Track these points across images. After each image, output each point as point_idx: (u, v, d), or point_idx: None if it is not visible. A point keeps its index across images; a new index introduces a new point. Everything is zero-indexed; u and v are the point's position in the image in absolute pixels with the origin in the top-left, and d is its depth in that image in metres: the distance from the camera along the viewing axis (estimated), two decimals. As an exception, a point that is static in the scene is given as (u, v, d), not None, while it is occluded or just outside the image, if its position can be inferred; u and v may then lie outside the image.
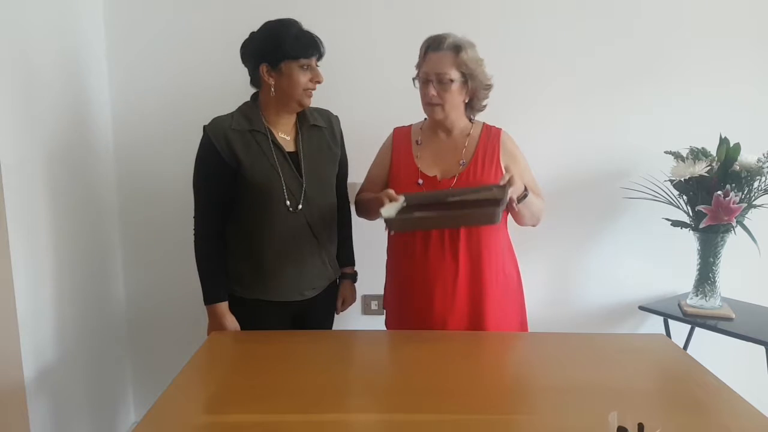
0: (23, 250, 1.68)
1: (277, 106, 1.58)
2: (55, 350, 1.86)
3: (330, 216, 1.69)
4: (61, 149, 1.90)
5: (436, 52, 1.58)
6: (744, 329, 1.95)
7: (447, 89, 1.58)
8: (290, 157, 1.59)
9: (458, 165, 1.64)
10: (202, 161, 1.58)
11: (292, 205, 1.57)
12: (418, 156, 1.68)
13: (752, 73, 2.24)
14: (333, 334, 1.59)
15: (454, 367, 1.32)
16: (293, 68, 1.51)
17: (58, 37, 1.91)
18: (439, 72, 1.57)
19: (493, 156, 1.64)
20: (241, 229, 1.61)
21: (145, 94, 2.25)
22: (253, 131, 1.56)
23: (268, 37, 1.52)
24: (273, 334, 1.54)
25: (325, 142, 1.67)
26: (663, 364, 1.38)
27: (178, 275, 2.35)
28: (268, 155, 1.56)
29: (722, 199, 1.93)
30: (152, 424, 1.08)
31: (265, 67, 1.52)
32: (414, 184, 1.63)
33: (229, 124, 1.56)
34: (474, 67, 1.58)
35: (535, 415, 1.12)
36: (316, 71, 1.55)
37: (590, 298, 2.40)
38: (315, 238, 1.63)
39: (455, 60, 1.56)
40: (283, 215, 1.57)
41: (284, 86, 1.53)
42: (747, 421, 1.09)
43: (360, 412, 1.13)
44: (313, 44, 1.53)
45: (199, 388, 1.24)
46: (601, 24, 2.22)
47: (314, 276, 1.66)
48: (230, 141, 1.54)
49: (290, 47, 1.49)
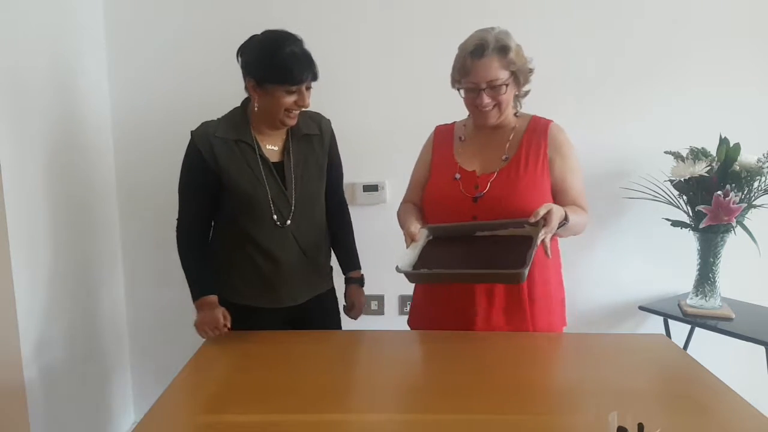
0: (23, 251, 1.68)
1: (261, 119, 1.53)
2: (55, 350, 1.86)
3: (318, 231, 1.65)
4: (61, 151, 1.90)
5: (481, 59, 1.44)
6: (744, 329, 1.95)
7: (502, 92, 1.47)
8: (276, 169, 1.54)
9: (500, 160, 1.53)
10: (187, 167, 1.55)
11: (279, 219, 1.53)
12: (459, 152, 1.60)
13: (752, 73, 2.24)
14: (333, 335, 1.59)
15: (454, 367, 1.32)
16: (278, 90, 1.43)
17: (57, 39, 1.91)
18: (491, 79, 1.45)
19: (539, 150, 1.52)
20: (229, 238, 1.58)
21: (145, 96, 2.26)
22: (238, 141, 1.51)
23: (260, 53, 1.44)
24: (273, 334, 1.54)
25: (314, 155, 1.61)
26: (663, 364, 1.38)
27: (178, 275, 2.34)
28: (253, 167, 1.51)
29: (722, 199, 1.93)
30: (152, 424, 1.08)
31: (252, 83, 1.46)
32: (451, 179, 1.54)
33: (214, 131, 1.51)
34: (520, 60, 1.48)
35: (535, 415, 1.12)
36: (302, 96, 1.46)
37: (590, 298, 2.40)
38: (303, 253, 1.59)
39: (503, 62, 1.45)
40: (270, 228, 1.53)
41: (267, 105, 1.47)
42: (747, 421, 1.09)
43: (360, 412, 1.13)
44: (303, 69, 1.43)
45: (199, 388, 1.24)
46: (601, 24, 2.22)
47: (305, 285, 1.63)
48: (214, 148, 1.50)
49: (277, 71, 1.41)
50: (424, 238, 1.48)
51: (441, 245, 1.48)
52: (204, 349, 1.45)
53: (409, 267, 1.39)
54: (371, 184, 1.78)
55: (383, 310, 2.27)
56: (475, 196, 1.51)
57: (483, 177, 1.53)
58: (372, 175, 1.77)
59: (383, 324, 2.17)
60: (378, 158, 1.76)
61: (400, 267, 1.36)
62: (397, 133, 1.70)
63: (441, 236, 1.51)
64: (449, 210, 1.53)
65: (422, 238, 1.47)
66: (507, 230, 1.44)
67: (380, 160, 1.75)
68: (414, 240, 1.44)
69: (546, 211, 1.31)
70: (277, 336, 1.53)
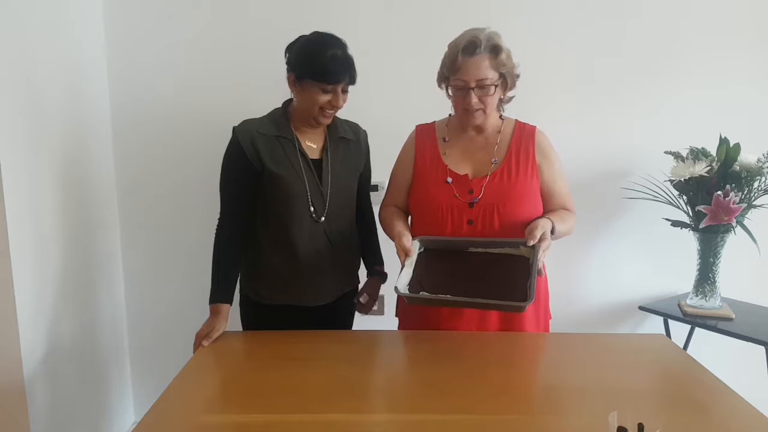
0: (23, 251, 1.68)
1: (299, 116, 1.59)
2: (55, 350, 1.86)
3: (349, 229, 1.69)
4: (61, 151, 1.90)
5: (472, 57, 1.45)
6: (744, 329, 1.95)
7: (489, 93, 1.48)
8: (314, 165, 1.58)
9: (490, 163, 1.56)
10: (229, 162, 1.58)
11: (316, 213, 1.58)
12: (446, 153, 1.60)
13: (752, 73, 2.25)
14: (332, 335, 1.59)
15: (454, 367, 1.32)
16: (314, 88, 1.49)
17: (57, 40, 1.91)
18: (481, 78, 1.46)
19: (528, 154, 1.55)
20: (266, 233, 1.61)
21: (145, 97, 2.26)
22: (279, 137, 1.57)
23: (304, 50, 1.50)
24: (273, 334, 1.54)
25: (351, 155, 1.67)
26: (663, 364, 1.38)
27: (178, 275, 2.35)
28: (293, 161, 1.56)
29: (722, 199, 1.93)
30: (152, 424, 1.08)
31: (293, 77, 1.52)
32: (443, 183, 1.55)
33: (257, 128, 1.56)
34: (510, 63, 1.50)
35: (535, 415, 1.12)
36: (337, 96, 1.51)
37: (590, 298, 2.40)
38: (333, 249, 1.63)
39: (494, 62, 1.46)
40: (307, 222, 1.57)
41: (303, 101, 1.54)
42: (747, 421, 1.09)
43: (360, 412, 1.13)
44: (341, 72, 1.48)
45: (199, 388, 1.24)
46: (601, 24, 2.22)
47: (331, 284, 1.66)
48: (256, 143, 1.55)
49: (317, 69, 1.47)
50: (416, 250, 1.48)
51: (434, 260, 1.49)
52: (204, 349, 1.45)
53: (407, 287, 1.41)
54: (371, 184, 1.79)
55: (383, 310, 2.27)
56: (471, 201, 1.52)
57: (476, 181, 1.54)
58: (372, 175, 1.78)
59: (383, 324, 2.17)
60: (378, 158, 1.76)
61: (399, 290, 1.38)
62: (396, 133, 1.71)
63: (432, 248, 1.52)
64: (443, 215, 1.53)
65: (414, 251, 1.47)
66: (501, 249, 1.47)
67: (380, 160, 1.75)
68: (408, 254, 1.44)
69: (542, 233, 1.38)
70: (277, 336, 1.53)
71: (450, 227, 1.53)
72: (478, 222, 1.51)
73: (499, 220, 1.50)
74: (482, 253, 1.49)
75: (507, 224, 1.50)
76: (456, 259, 1.49)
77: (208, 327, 1.51)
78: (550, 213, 1.55)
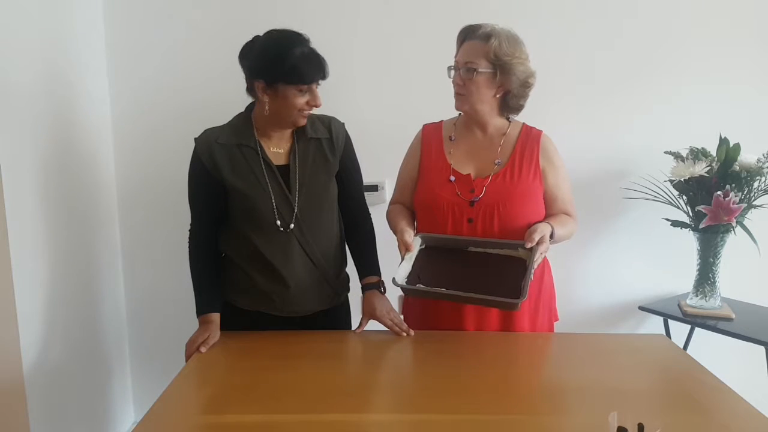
0: (23, 251, 1.68)
1: (270, 122, 1.50)
2: (55, 350, 1.86)
3: (327, 239, 1.58)
4: (61, 151, 1.90)
5: (469, 41, 1.52)
6: (744, 329, 1.95)
7: (470, 78, 1.50)
8: (280, 172, 1.51)
9: (493, 164, 1.57)
10: (191, 176, 1.54)
11: (282, 224, 1.49)
12: (450, 152, 1.61)
13: (752, 73, 2.25)
14: (332, 335, 1.58)
15: (454, 367, 1.32)
16: (290, 91, 1.41)
17: (57, 41, 1.91)
18: (468, 61, 1.50)
19: (531, 158, 1.56)
20: (236, 244, 1.56)
21: (145, 97, 2.26)
22: (240, 145, 1.49)
23: (269, 53, 1.41)
24: (273, 335, 1.53)
25: (322, 158, 1.55)
26: (663, 364, 1.38)
27: (177, 275, 2.34)
28: (256, 171, 1.49)
29: (722, 199, 1.93)
30: (152, 424, 1.08)
31: (261, 84, 1.42)
32: (446, 182, 1.56)
33: (216, 137, 1.49)
34: (507, 59, 1.49)
35: (535, 415, 1.12)
36: (314, 95, 1.44)
37: (590, 298, 2.40)
38: (309, 258, 1.54)
39: (483, 48, 1.48)
40: (274, 234, 1.50)
41: (278, 107, 1.44)
42: (747, 421, 1.09)
43: (360, 412, 1.13)
44: (315, 69, 1.42)
45: (199, 388, 1.24)
46: (601, 24, 2.22)
47: (313, 295, 1.57)
48: (215, 155, 1.48)
49: (290, 71, 1.39)
50: (417, 246, 1.52)
51: (434, 257, 1.53)
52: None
53: (405, 279, 1.46)
54: (371, 184, 1.78)
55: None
56: (471, 200, 1.54)
57: (478, 180, 1.56)
58: (372, 175, 1.77)
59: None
60: (378, 158, 1.76)
61: (396, 281, 1.43)
62: (396, 133, 1.70)
63: (433, 245, 1.55)
64: (445, 213, 1.55)
65: (416, 247, 1.51)
66: (499, 249, 1.51)
67: (380, 160, 1.75)
68: (408, 249, 1.49)
69: (540, 237, 1.42)
70: (277, 336, 1.52)
71: (451, 225, 1.55)
72: (478, 221, 1.53)
73: (498, 220, 1.52)
74: (481, 252, 1.52)
75: (506, 224, 1.52)
76: (455, 257, 1.52)
77: (201, 335, 1.46)
78: (551, 217, 1.57)
